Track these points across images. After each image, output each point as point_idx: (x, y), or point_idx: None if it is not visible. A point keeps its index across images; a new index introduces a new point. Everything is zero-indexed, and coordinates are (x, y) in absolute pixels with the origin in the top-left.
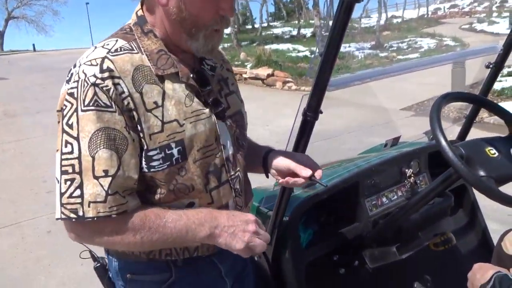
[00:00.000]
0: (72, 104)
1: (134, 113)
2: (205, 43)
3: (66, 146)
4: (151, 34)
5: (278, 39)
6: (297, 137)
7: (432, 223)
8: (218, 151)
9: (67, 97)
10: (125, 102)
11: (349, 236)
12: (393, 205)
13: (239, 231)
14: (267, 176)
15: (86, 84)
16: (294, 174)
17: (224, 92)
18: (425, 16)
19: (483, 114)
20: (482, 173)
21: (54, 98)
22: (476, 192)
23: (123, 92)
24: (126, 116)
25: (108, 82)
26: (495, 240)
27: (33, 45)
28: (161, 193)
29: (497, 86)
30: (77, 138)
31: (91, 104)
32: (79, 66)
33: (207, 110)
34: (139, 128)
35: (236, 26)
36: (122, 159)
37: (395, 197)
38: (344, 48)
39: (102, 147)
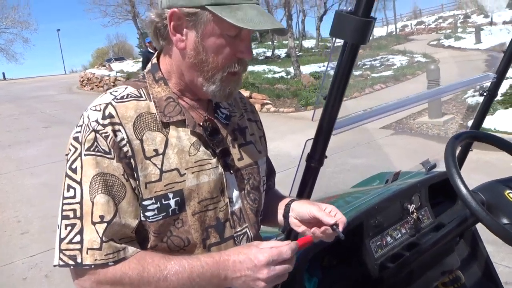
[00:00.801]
0: (76, 149)
1: (132, 160)
2: (221, 87)
3: (68, 191)
4: (161, 81)
5: (253, 60)
6: (301, 184)
7: (439, 261)
8: (223, 204)
9: (72, 141)
10: (124, 149)
11: (355, 281)
12: (397, 244)
13: (250, 280)
14: (288, 228)
15: (88, 129)
16: (318, 224)
17: (238, 142)
18: (394, 33)
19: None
20: (505, 220)
21: (28, 130)
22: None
23: (122, 139)
24: (124, 164)
25: (108, 129)
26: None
27: (3, 73)
28: (152, 246)
29: (471, 101)
30: (80, 183)
31: (91, 149)
32: (86, 111)
33: (213, 161)
34: (135, 175)
35: None
36: (119, 206)
37: (399, 235)
38: (319, 67)
39: (100, 191)
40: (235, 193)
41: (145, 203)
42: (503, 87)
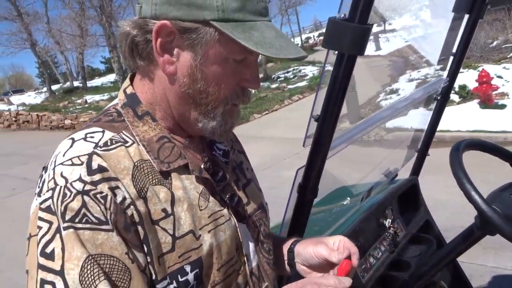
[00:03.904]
0: (51, 223)
1: (140, 228)
2: (223, 121)
3: None
4: (147, 117)
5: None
6: (293, 218)
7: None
8: (241, 264)
9: (41, 213)
10: (128, 213)
11: None
12: (380, 264)
13: None
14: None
15: (68, 193)
16: (331, 264)
17: (241, 183)
18: (300, 45)
19: None
20: None
21: None
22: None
23: (124, 199)
24: (131, 236)
25: (102, 187)
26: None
27: None
28: None
29: (384, 103)
30: (60, 272)
31: (76, 220)
32: (53, 169)
33: (225, 211)
34: (145, 249)
35: None
36: None
37: (380, 253)
38: None
39: (103, 277)
40: (251, 246)
41: (159, 286)
42: None
